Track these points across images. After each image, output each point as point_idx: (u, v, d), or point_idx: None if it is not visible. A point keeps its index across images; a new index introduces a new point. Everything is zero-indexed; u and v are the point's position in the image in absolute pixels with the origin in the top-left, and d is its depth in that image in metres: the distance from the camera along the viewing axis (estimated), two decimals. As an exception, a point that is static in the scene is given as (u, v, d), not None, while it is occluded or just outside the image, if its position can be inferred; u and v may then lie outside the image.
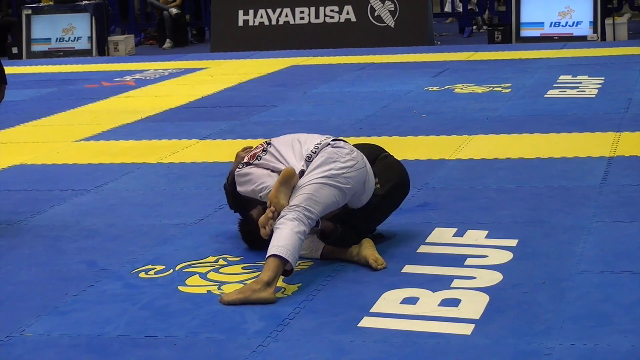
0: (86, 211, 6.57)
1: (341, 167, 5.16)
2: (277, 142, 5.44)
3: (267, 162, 5.33)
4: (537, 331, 4.25)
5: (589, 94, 10.00)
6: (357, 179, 5.20)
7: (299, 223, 4.91)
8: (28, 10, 17.72)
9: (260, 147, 5.46)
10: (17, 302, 4.96)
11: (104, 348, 4.33)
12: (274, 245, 4.82)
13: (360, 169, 5.23)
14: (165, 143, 8.65)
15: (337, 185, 5.11)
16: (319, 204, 5.04)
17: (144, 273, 5.26)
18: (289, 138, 5.45)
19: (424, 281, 4.90)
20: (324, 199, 5.06)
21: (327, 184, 5.09)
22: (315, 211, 5.02)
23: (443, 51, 14.50)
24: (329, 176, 5.11)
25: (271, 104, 10.50)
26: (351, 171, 5.17)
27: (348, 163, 5.19)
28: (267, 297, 4.70)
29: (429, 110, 9.63)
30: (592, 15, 15.24)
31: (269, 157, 5.34)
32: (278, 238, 4.84)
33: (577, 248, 5.29)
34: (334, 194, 5.10)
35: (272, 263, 4.77)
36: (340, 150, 5.24)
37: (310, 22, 16.23)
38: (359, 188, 5.23)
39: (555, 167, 7.10)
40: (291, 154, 5.31)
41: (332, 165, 5.15)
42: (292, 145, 5.36)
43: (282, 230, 4.87)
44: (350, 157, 5.23)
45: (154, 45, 19.06)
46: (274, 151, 5.36)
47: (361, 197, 5.27)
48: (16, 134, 9.60)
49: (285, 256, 4.77)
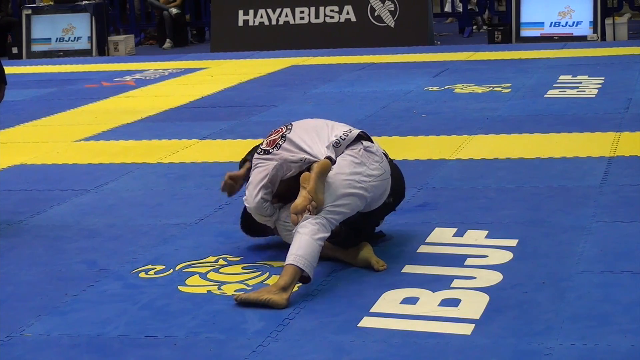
0: (86, 211, 6.57)
1: (369, 174, 5.08)
2: (298, 128, 5.24)
3: (285, 153, 5.14)
4: (537, 331, 4.25)
5: (589, 94, 10.00)
6: (379, 189, 5.14)
7: (319, 229, 4.86)
8: (28, 10, 17.73)
9: (280, 131, 5.26)
10: (17, 302, 4.96)
11: (104, 348, 4.34)
12: (292, 254, 4.77)
13: (384, 180, 5.16)
14: (165, 143, 8.65)
15: (360, 194, 5.03)
16: (342, 213, 4.98)
17: (144, 273, 5.27)
18: (312, 123, 5.30)
19: (424, 281, 4.90)
20: (346, 207, 4.99)
21: (352, 194, 5.01)
22: (337, 219, 4.97)
23: (443, 51, 14.50)
24: (356, 184, 5.01)
25: (271, 104, 10.50)
26: (376, 181, 5.11)
27: (375, 172, 5.11)
28: (279, 300, 4.65)
29: (429, 110, 9.63)
30: (592, 15, 15.24)
31: (288, 146, 5.15)
32: (298, 246, 4.79)
33: (577, 248, 5.29)
34: (356, 202, 5.04)
35: (290, 269, 4.74)
36: (372, 157, 5.15)
37: (310, 22, 16.23)
38: (378, 197, 5.18)
39: (555, 167, 7.10)
40: (316, 139, 5.14)
41: (361, 170, 5.06)
42: (317, 130, 5.20)
43: (303, 237, 4.81)
44: (380, 165, 5.15)
45: (154, 45, 19.07)
46: (294, 137, 5.16)
47: (372, 204, 5.20)
48: (16, 134, 9.60)
49: (303, 267, 4.73)
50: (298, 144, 5.14)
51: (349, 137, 5.15)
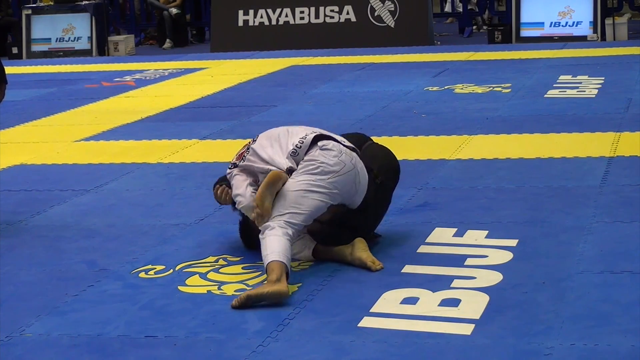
0: (86, 211, 6.57)
1: (327, 171, 5.10)
2: (262, 139, 5.34)
3: (251, 164, 5.25)
4: (537, 331, 4.25)
5: (589, 94, 10.00)
6: (345, 182, 5.15)
7: (282, 230, 4.92)
8: (28, 10, 17.73)
9: (246, 145, 5.39)
10: (17, 302, 4.96)
11: (104, 348, 4.33)
12: (269, 252, 4.82)
13: (348, 172, 5.16)
14: (165, 143, 8.65)
15: (321, 191, 5.07)
16: (302, 214, 5.03)
17: (144, 273, 5.26)
18: (276, 132, 5.36)
19: (424, 281, 4.90)
20: (307, 207, 5.04)
21: (311, 191, 5.05)
22: (298, 221, 5.01)
23: (443, 51, 14.50)
24: (314, 183, 5.06)
25: (271, 104, 10.50)
26: (337, 176, 5.12)
27: (335, 167, 5.13)
28: (281, 288, 4.67)
29: (429, 110, 9.63)
30: (592, 15, 15.25)
31: (253, 157, 5.25)
32: (271, 245, 4.85)
33: (577, 248, 5.29)
34: (318, 199, 5.07)
35: (274, 265, 4.77)
36: (328, 153, 5.16)
37: (310, 22, 16.23)
38: (349, 190, 5.18)
39: (555, 167, 7.10)
40: (278, 148, 5.23)
41: (317, 171, 5.09)
42: (279, 139, 5.27)
43: (272, 237, 4.89)
44: (338, 159, 5.15)
45: (154, 45, 19.07)
46: (258, 148, 5.26)
47: (354, 197, 5.22)
48: (16, 134, 9.60)
49: (284, 260, 4.78)
50: (260, 155, 5.24)
51: (305, 144, 5.20)
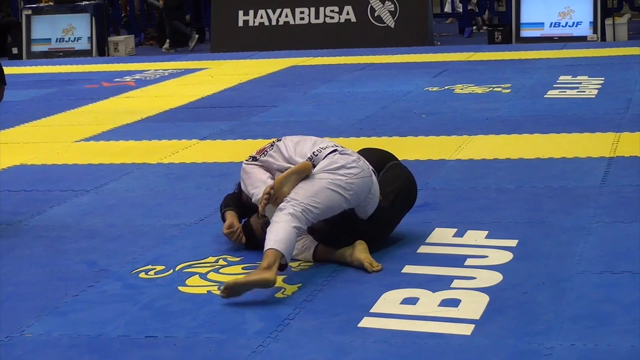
0: (86, 211, 6.57)
1: (346, 172, 5.16)
2: (287, 140, 5.47)
3: (272, 160, 5.36)
4: (537, 331, 4.25)
5: (589, 94, 10.00)
6: (361, 187, 5.19)
7: (293, 219, 4.93)
8: (28, 10, 17.74)
9: (270, 143, 5.49)
10: (17, 302, 4.96)
11: (104, 348, 4.33)
12: (270, 239, 4.86)
13: (364, 177, 5.22)
14: (165, 143, 8.65)
15: (339, 191, 5.11)
16: (320, 206, 5.04)
17: (144, 273, 5.26)
18: (302, 138, 5.48)
19: (424, 281, 4.90)
20: (325, 201, 5.07)
21: (331, 188, 5.09)
22: (315, 211, 5.02)
23: (443, 51, 14.50)
24: (334, 180, 5.11)
25: (271, 104, 10.50)
26: (355, 178, 5.17)
27: (353, 170, 5.19)
28: (268, 276, 4.71)
29: (429, 110, 9.63)
30: (592, 15, 15.25)
31: (275, 154, 5.38)
32: (275, 232, 4.88)
33: (577, 248, 5.29)
34: (336, 198, 5.10)
35: (270, 253, 4.82)
36: (347, 157, 5.25)
37: (310, 23, 16.23)
38: (363, 196, 5.22)
39: (555, 167, 7.10)
40: (300, 151, 5.33)
41: (337, 169, 5.16)
42: (303, 144, 5.38)
43: (279, 224, 4.91)
44: (356, 164, 5.23)
45: (154, 45, 19.06)
46: (282, 147, 5.39)
47: (366, 207, 5.26)
48: (16, 134, 9.60)
49: (282, 250, 4.81)
50: (283, 154, 5.36)
51: (324, 152, 5.28)
